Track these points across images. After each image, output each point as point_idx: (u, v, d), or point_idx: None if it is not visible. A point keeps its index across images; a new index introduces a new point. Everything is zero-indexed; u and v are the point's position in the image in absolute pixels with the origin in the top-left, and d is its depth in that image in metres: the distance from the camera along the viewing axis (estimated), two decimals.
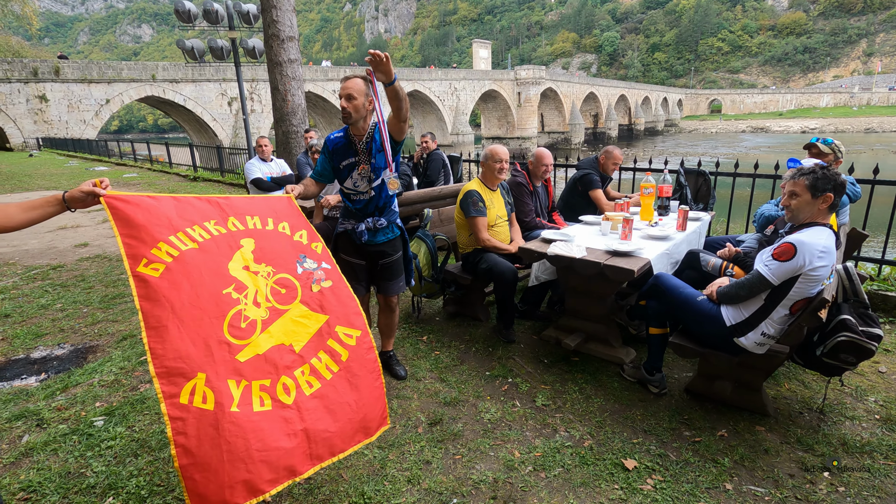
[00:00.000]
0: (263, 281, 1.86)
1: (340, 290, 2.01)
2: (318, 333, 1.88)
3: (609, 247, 2.85)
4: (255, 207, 2.04)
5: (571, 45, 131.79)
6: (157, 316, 1.57)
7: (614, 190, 4.67)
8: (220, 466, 1.50)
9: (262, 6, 6.63)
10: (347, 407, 1.82)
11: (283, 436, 1.63)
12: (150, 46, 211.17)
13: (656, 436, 2.37)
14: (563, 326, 3.19)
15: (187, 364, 1.55)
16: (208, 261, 1.75)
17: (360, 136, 2.51)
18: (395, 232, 2.74)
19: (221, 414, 1.54)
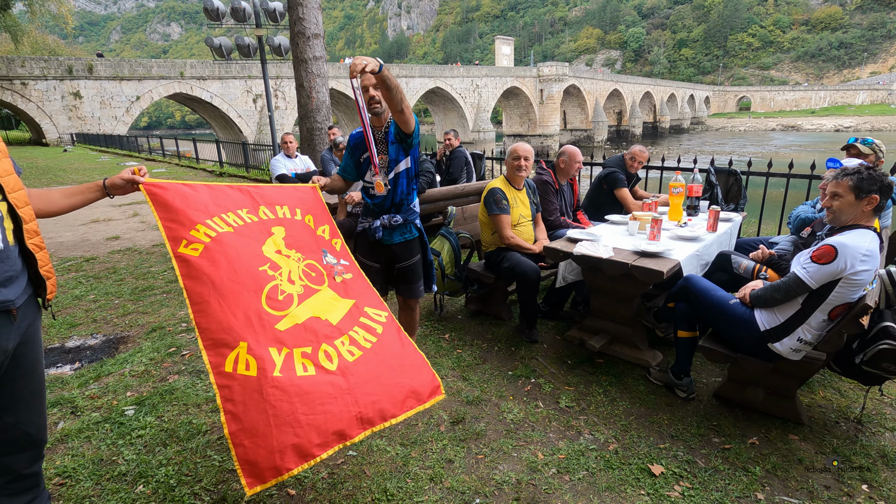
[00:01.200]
0: (295, 263, 1.93)
1: (360, 282, 2.08)
2: (349, 313, 1.93)
3: (637, 247, 2.79)
4: (284, 197, 2.10)
5: (596, 41, 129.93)
6: (199, 293, 1.65)
7: (641, 189, 4.57)
8: (268, 431, 1.51)
9: (288, 4, 6.69)
10: (392, 372, 1.81)
11: (328, 399, 1.63)
12: (178, 44, 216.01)
13: (684, 441, 2.32)
14: (588, 327, 3.14)
15: (229, 335, 1.62)
16: (243, 242, 1.82)
17: (379, 126, 2.46)
18: (413, 233, 2.60)
19: (264, 379, 1.57)
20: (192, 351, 3.30)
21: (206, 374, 2.99)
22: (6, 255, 1.36)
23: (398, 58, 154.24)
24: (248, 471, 1.49)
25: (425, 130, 76.48)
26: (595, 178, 4.30)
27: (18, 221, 1.41)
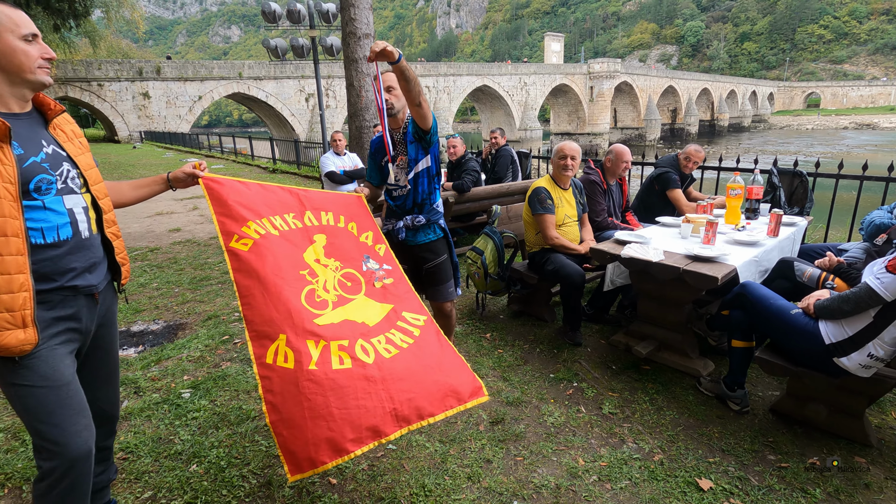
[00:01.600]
0: (332, 273, 1.96)
1: (402, 286, 2.08)
2: (386, 317, 1.93)
3: (689, 251, 2.67)
4: (329, 204, 2.15)
5: (650, 36, 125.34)
6: (246, 286, 1.73)
7: (696, 191, 4.37)
8: (304, 423, 1.56)
9: (341, 5, 6.84)
10: (430, 370, 1.78)
11: (363, 394, 1.63)
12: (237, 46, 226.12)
13: (736, 456, 2.20)
14: (635, 332, 3.04)
15: (271, 327, 1.68)
16: (287, 246, 1.89)
17: (397, 128, 2.42)
18: (438, 233, 2.54)
19: (300, 372, 1.61)
20: (243, 340, 3.45)
21: None
22: (91, 242, 1.46)
23: (446, 56, 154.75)
24: (289, 459, 1.55)
25: (471, 129, 76.33)
26: (646, 178, 4.15)
27: (99, 212, 1.52)
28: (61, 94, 29.05)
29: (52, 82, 1.39)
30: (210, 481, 2.10)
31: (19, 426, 2.44)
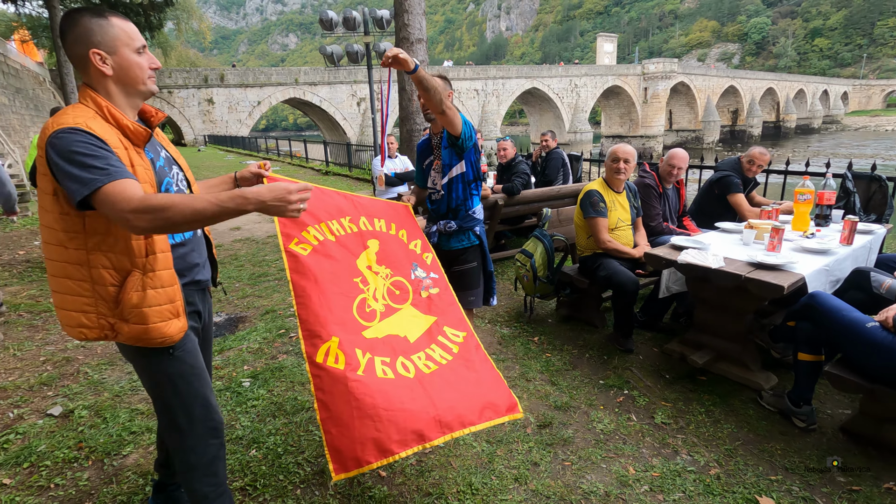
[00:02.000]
0: (382, 281, 2.03)
1: (447, 298, 2.12)
2: (428, 331, 1.99)
3: (752, 258, 2.55)
4: (381, 211, 2.21)
5: (710, 34, 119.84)
6: (302, 287, 1.80)
7: (760, 196, 4.16)
8: (352, 422, 1.60)
9: (395, 11, 7.01)
10: (467, 383, 1.84)
11: (408, 398, 1.68)
12: (294, 53, 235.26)
13: (800, 476, 2.08)
14: (690, 341, 2.93)
15: (324, 329, 1.75)
16: (343, 253, 1.97)
17: (436, 132, 2.45)
18: (472, 240, 2.49)
19: (351, 373, 1.69)
20: (298, 335, 3.60)
21: None
22: (199, 240, 1.60)
23: (496, 59, 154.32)
24: (335, 457, 1.60)
25: (519, 132, 75.62)
26: (706, 181, 3.99)
27: None
28: None
29: (158, 91, 1.51)
30: (268, 466, 2.21)
31: (102, 404, 2.66)
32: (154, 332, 1.35)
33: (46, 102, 21.28)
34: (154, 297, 1.34)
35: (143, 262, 1.33)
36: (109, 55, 1.31)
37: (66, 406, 2.64)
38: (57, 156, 1.19)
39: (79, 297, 1.30)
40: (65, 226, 1.27)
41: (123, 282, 1.31)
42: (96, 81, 1.32)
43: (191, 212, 1.18)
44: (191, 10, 35.46)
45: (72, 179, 1.18)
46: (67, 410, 2.60)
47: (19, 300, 4.17)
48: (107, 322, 1.33)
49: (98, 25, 1.30)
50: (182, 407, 1.50)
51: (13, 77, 16.91)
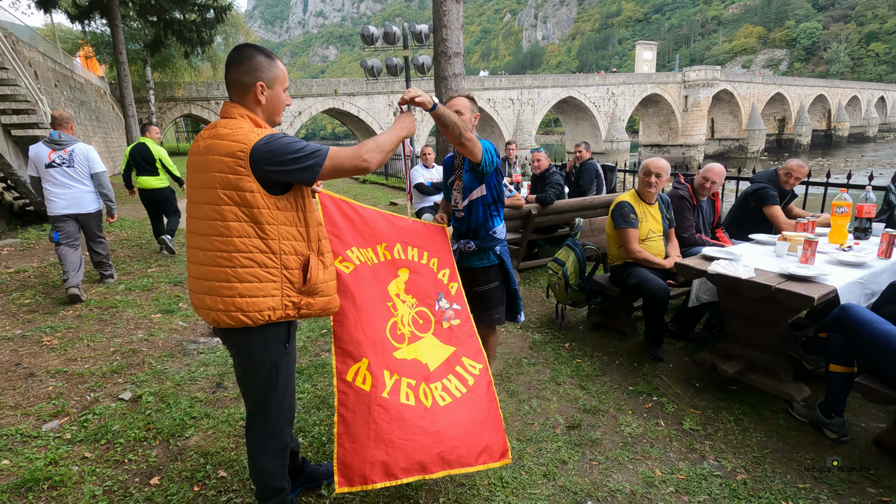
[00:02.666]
0: (408, 309, 2.17)
1: (466, 329, 2.24)
2: (447, 361, 2.13)
3: (784, 269, 2.58)
4: (416, 237, 2.30)
5: (756, 40, 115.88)
6: (342, 305, 1.92)
7: (799, 208, 4.12)
8: (367, 443, 1.77)
9: (434, 26, 7.26)
10: (474, 425, 1.96)
11: (420, 431, 1.83)
12: (333, 64, 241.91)
13: (829, 485, 2.11)
14: (721, 351, 2.96)
15: (356, 349, 1.90)
16: (376, 278, 2.11)
17: (459, 153, 2.47)
18: (493, 260, 2.52)
19: (375, 396, 1.83)
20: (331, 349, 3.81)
21: None
22: None
23: (531, 68, 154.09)
24: (342, 471, 1.76)
25: (554, 141, 75.05)
26: (741, 193, 3.99)
27: None
28: (186, 111, 33.01)
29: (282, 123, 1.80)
30: (314, 452, 2.40)
31: (165, 391, 2.93)
32: (334, 302, 1.70)
33: (107, 114, 22.76)
34: (329, 273, 1.68)
35: (316, 245, 1.66)
36: (268, 89, 1.61)
37: (135, 392, 2.92)
38: (272, 158, 1.49)
39: (267, 283, 1.55)
40: (264, 220, 1.53)
41: (305, 264, 1.61)
42: (251, 106, 1.61)
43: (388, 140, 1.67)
44: (238, 25, 37.12)
45: (300, 164, 1.51)
46: (136, 396, 2.88)
47: (89, 297, 4.57)
48: (291, 301, 1.60)
49: (268, 64, 1.60)
50: (278, 398, 1.71)
51: (79, 91, 18.23)
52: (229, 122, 1.55)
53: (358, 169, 1.60)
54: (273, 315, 1.57)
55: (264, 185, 1.52)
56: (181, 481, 2.19)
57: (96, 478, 2.20)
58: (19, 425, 2.57)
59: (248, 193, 1.51)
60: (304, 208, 1.63)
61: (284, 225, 1.57)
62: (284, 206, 1.57)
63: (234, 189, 1.51)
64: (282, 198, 1.56)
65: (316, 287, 1.63)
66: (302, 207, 1.63)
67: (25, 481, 2.14)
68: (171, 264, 5.90)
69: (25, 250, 6.53)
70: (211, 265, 1.55)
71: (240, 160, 1.48)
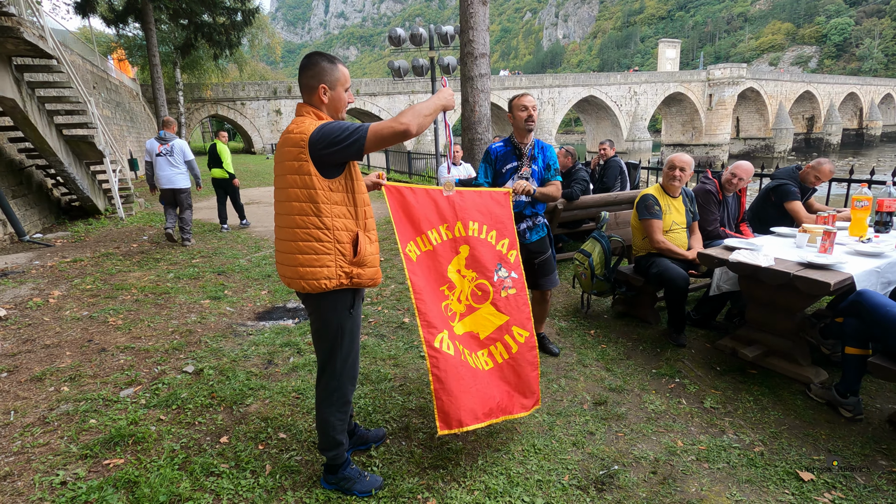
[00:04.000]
0: (468, 284, 2.42)
1: (521, 298, 2.50)
2: (498, 328, 2.43)
3: (802, 258, 2.73)
4: (478, 211, 2.44)
5: (784, 36, 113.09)
6: (419, 285, 2.21)
7: (821, 203, 4.22)
8: (459, 395, 2.13)
9: (460, 28, 7.48)
10: (512, 383, 2.40)
11: (486, 386, 2.27)
12: (354, 65, 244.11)
13: (843, 457, 2.26)
14: (742, 337, 3.11)
15: (437, 321, 2.21)
16: (437, 261, 2.33)
17: (525, 143, 2.99)
18: (544, 230, 3.11)
19: (457, 359, 2.19)
20: (375, 319, 4.07)
21: (387, 338, 3.70)
22: None
23: (552, 67, 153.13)
24: (442, 418, 2.11)
25: (574, 140, 74.56)
26: (762, 188, 4.11)
27: None
28: (213, 112, 33.90)
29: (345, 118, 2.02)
30: (361, 421, 2.64)
31: (223, 366, 3.21)
32: (378, 274, 1.94)
33: (139, 114, 23.58)
34: (374, 247, 1.91)
35: (363, 223, 1.89)
36: (330, 90, 1.84)
37: (196, 366, 3.22)
38: (324, 140, 1.71)
39: (324, 255, 1.80)
40: (320, 199, 1.78)
41: (355, 239, 1.84)
42: (317, 105, 1.85)
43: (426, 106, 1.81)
44: (264, 27, 37.97)
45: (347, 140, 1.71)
46: (198, 369, 3.18)
47: (143, 283, 4.92)
48: (343, 272, 1.83)
49: (329, 68, 1.83)
50: (342, 355, 1.96)
51: (114, 92, 18.97)
52: (298, 120, 1.82)
53: (397, 133, 1.74)
54: (329, 284, 1.81)
55: (320, 168, 1.76)
56: (247, 440, 2.45)
57: (173, 436, 2.48)
58: (100, 391, 2.88)
59: (308, 177, 1.76)
60: (354, 190, 1.85)
61: (337, 205, 1.81)
62: (337, 188, 1.80)
63: (297, 174, 1.77)
64: (335, 181, 1.80)
65: (364, 259, 1.84)
66: (352, 189, 1.85)
67: (113, 437, 2.43)
68: (213, 256, 6.25)
69: (77, 242, 6.98)
70: (284, 239, 1.86)
71: (302, 148, 1.75)
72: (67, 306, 4.21)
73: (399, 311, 4.23)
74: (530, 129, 2.94)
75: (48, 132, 7.19)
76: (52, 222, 8.59)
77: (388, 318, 4.09)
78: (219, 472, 2.21)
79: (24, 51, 6.09)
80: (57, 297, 4.39)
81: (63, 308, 4.16)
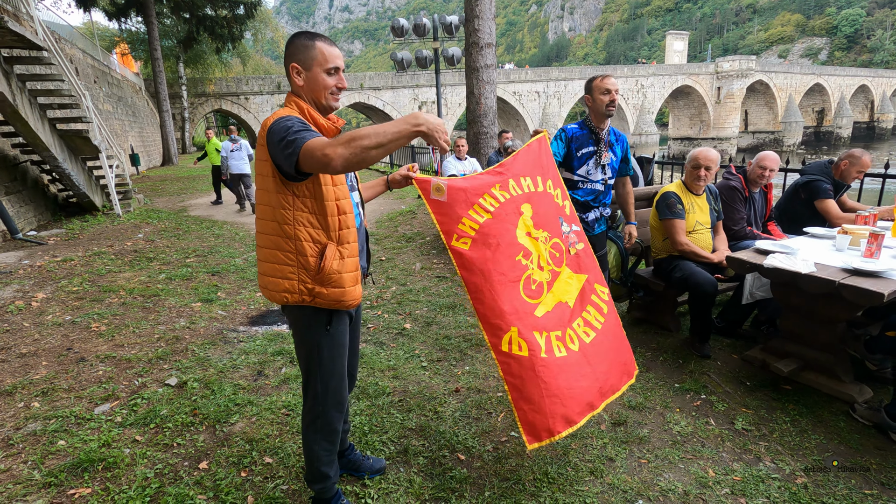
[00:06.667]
0: (543, 246, 2.08)
1: (589, 251, 2.28)
2: (581, 291, 2.16)
3: (848, 264, 2.44)
4: (525, 165, 2.13)
5: (794, 28, 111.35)
6: (474, 283, 1.92)
7: (853, 201, 3.91)
8: (542, 401, 1.85)
9: (465, 17, 7.18)
10: (615, 352, 2.16)
11: (581, 377, 1.97)
12: (359, 59, 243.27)
13: (842, 460, 1.99)
14: (774, 349, 2.84)
15: (502, 320, 1.90)
16: (501, 230, 1.96)
17: (602, 128, 2.85)
18: (605, 225, 3.04)
19: (536, 359, 1.88)
20: (374, 325, 3.82)
21: (387, 346, 3.45)
22: (362, 231, 1.79)
23: (557, 60, 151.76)
24: (528, 430, 1.85)
25: None
26: (791, 185, 3.81)
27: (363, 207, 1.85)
28: (216, 106, 33.66)
29: (339, 106, 1.71)
30: (356, 443, 2.40)
31: (209, 378, 2.98)
32: (348, 296, 1.61)
33: (142, 109, 23.40)
34: (348, 264, 1.59)
35: (336, 235, 1.58)
36: (305, 70, 1.56)
37: (180, 378, 2.98)
38: (274, 137, 1.43)
39: (285, 265, 1.56)
40: (280, 203, 1.52)
41: (321, 253, 1.55)
42: (296, 90, 1.59)
43: (374, 132, 1.30)
44: (267, 20, 37.61)
45: (285, 150, 1.39)
46: (181, 381, 2.94)
47: (133, 285, 4.70)
48: (305, 288, 1.57)
49: (303, 46, 1.55)
50: (322, 377, 1.71)
51: (116, 87, 18.77)
52: (279, 111, 1.53)
53: (319, 162, 1.33)
54: (290, 297, 1.57)
55: (279, 168, 1.47)
56: (228, 466, 2.21)
57: (147, 460, 2.25)
58: (73, 408, 2.65)
59: (268, 178, 1.51)
60: (323, 196, 1.54)
61: (301, 211, 1.53)
62: (302, 192, 1.52)
63: (261, 174, 1.53)
64: (300, 185, 1.52)
65: (329, 277, 1.56)
66: (320, 196, 1.54)
67: (81, 462, 2.20)
68: (208, 255, 6.02)
69: (70, 240, 6.77)
70: (257, 244, 1.63)
71: (263, 145, 1.49)
72: (50, 310, 3.99)
73: (400, 316, 3.98)
74: (610, 114, 2.78)
75: (40, 126, 6.97)
76: (49, 219, 8.39)
77: (388, 324, 3.84)
78: None
79: (12, 41, 5.85)
80: (40, 300, 4.17)
81: (45, 312, 3.94)
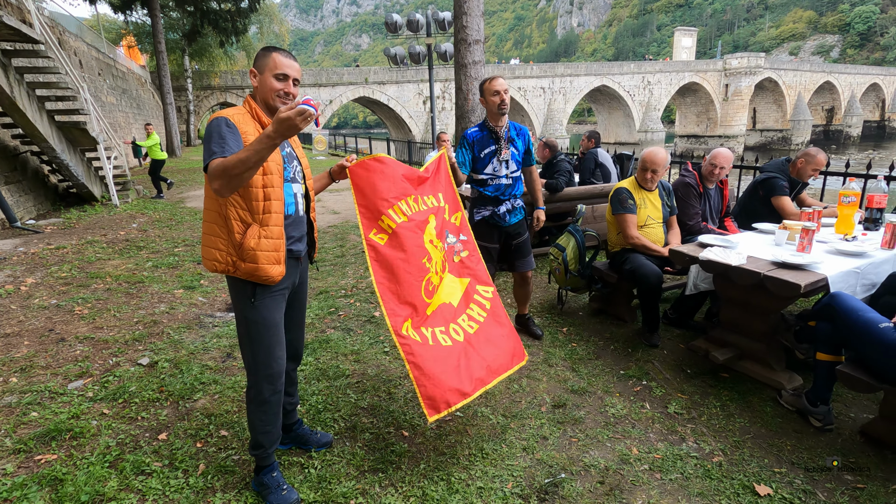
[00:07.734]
0: (439, 254, 2.33)
1: (474, 258, 2.49)
2: (465, 293, 2.40)
3: (776, 257, 2.56)
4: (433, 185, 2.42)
5: (805, 25, 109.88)
6: (383, 274, 2.13)
7: (814, 199, 4.01)
8: (440, 376, 2.05)
9: (454, 13, 7.28)
10: (501, 338, 2.36)
11: (468, 358, 2.19)
12: (366, 53, 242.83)
13: (806, 470, 2.12)
14: (715, 339, 2.97)
15: (402, 309, 2.11)
16: (413, 234, 2.20)
17: (500, 126, 2.99)
18: (522, 213, 3.16)
19: (426, 344, 2.10)
20: (346, 313, 3.98)
21: (353, 332, 3.60)
22: (301, 220, 1.97)
23: (566, 56, 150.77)
24: (428, 404, 2.02)
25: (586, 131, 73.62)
26: (751, 182, 3.92)
27: (308, 199, 2.02)
28: (222, 99, 33.91)
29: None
30: (309, 420, 2.56)
31: (180, 359, 3.15)
32: (261, 272, 1.78)
33: (147, 102, 23.66)
34: (265, 244, 1.77)
35: (260, 217, 1.76)
36: (259, 73, 1.77)
37: (152, 358, 3.15)
38: (204, 137, 1.66)
39: (218, 238, 1.78)
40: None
41: (245, 231, 1.75)
42: (253, 92, 1.83)
43: (236, 160, 1.51)
44: (272, 14, 37.73)
45: (204, 155, 1.63)
46: (153, 361, 3.11)
47: (119, 272, 4.88)
48: (231, 259, 1.77)
49: (262, 55, 1.77)
50: (250, 348, 1.88)
51: (120, 79, 19.01)
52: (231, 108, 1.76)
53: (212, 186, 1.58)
54: (218, 266, 1.79)
55: None
56: (186, 438, 2.38)
57: (112, 431, 2.42)
58: (48, 383, 2.83)
59: None
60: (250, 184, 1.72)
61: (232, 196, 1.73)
62: None
63: None
64: None
65: (245, 253, 1.74)
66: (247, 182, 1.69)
67: (50, 431, 2.37)
68: (196, 245, 6.20)
69: (66, 229, 6.98)
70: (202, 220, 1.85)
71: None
72: (37, 294, 4.18)
73: (371, 305, 4.14)
74: (503, 112, 2.96)
75: (38, 118, 7.17)
76: (49, 209, 8.62)
77: (358, 312, 3.99)
78: (150, 470, 2.14)
79: (8, 35, 6.04)
80: (29, 285, 4.37)
81: (33, 296, 4.13)
